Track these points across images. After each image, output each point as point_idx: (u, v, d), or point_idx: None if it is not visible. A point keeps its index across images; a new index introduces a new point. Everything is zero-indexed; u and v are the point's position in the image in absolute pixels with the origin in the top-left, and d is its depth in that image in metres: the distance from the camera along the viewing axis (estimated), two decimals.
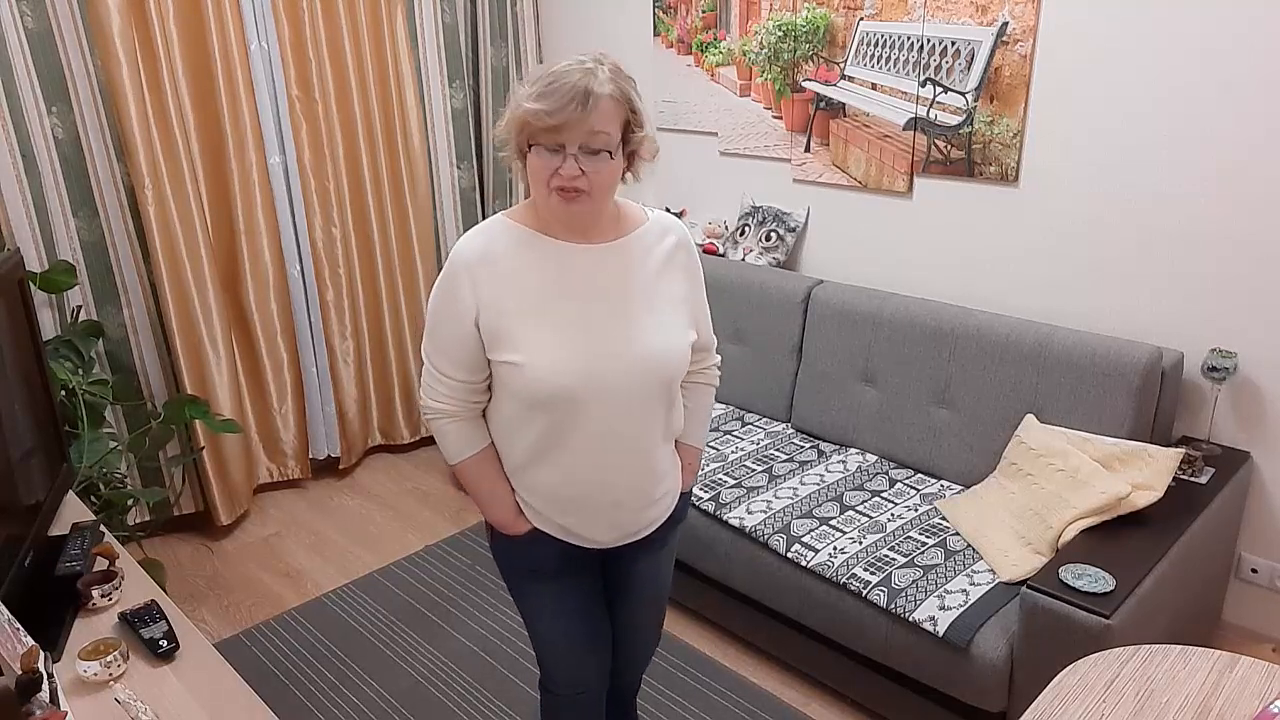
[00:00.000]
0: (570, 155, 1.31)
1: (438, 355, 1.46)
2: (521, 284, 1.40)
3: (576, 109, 1.28)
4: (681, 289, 1.51)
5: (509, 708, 2.31)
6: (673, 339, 1.47)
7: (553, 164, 1.31)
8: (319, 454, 3.58)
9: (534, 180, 1.35)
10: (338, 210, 3.31)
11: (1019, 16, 2.42)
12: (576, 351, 1.39)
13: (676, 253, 1.51)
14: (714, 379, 1.69)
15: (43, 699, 1.29)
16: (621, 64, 1.39)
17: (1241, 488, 2.28)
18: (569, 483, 1.48)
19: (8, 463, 1.64)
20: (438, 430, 1.52)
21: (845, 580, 2.12)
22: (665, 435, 1.54)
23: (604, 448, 1.45)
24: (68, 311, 2.83)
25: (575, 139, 1.30)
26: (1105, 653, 1.38)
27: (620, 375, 1.41)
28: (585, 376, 1.39)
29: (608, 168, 1.34)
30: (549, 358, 1.38)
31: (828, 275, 3.08)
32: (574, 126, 1.29)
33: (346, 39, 3.19)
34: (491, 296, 1.39)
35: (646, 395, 1.45)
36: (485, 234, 1.43)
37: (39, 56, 2.64)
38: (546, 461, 1.47)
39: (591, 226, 1.44)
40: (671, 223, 1.53)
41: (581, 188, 1.32)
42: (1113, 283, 2.44)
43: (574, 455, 1.45)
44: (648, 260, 1.47)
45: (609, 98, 1.31)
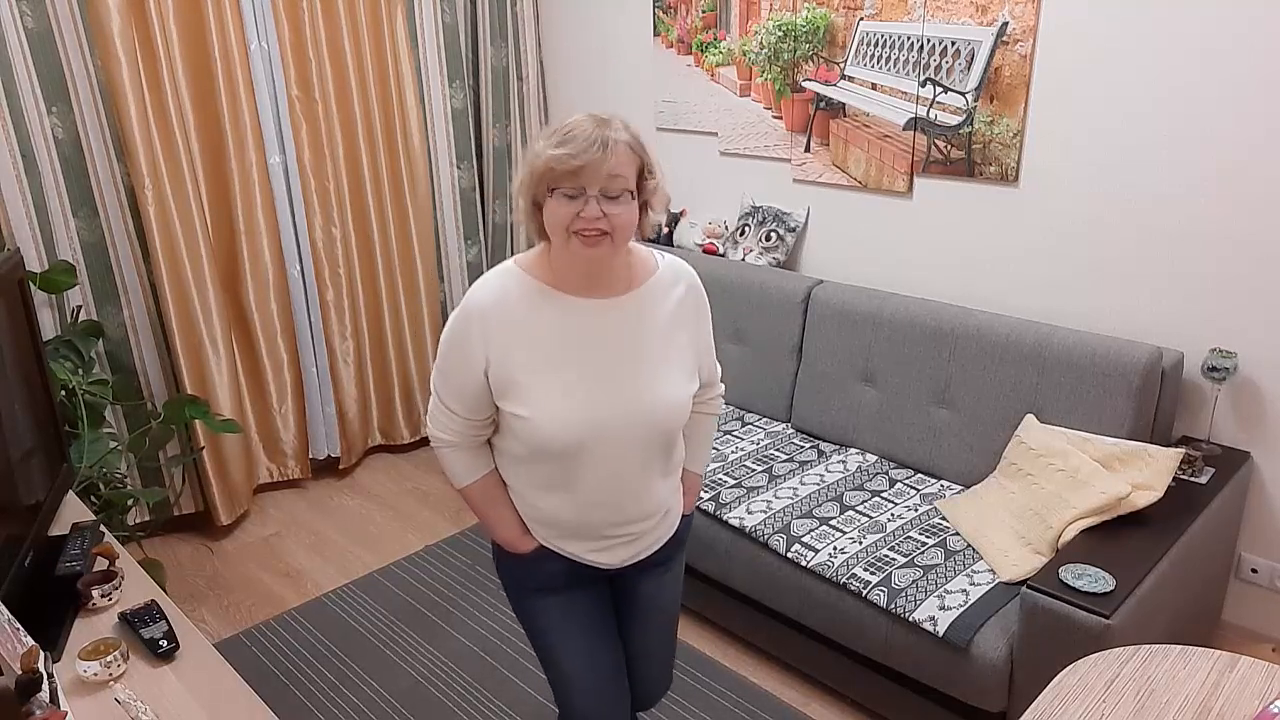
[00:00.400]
0: (592, 198, 1.33)
1: (446, 393, 1.49)
2: (532, 338, 1.43)
3: (598, 150, 1.32)
4: (688, 337, 1.54)
5: (509, 708, 2.31)
6: (677, 392, 1.50)
7: (574, 208, 1.34)
8: (319, 454, 3.59)
9: (554, 228, 1.37)
10: (338, 210, 3.31)
11: (1019, 16, 2.42)
12: (583, 406, 1.42)
13: (685, 301, 1.53)
14: (716, 409, 1.72)
15: (43, 699, 1.29)
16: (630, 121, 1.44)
17: (1241, 488, 2.28)
18: (572, 515, 1.52)
19: (8, 463, 1.64)
20: (443, 457, 1.56)
21: (845, 580, 2.12)
22: (665, 471, 1.58)
23: (606, 488, 1.49)
24: (68, 311, 2.83)
25: (595, 183, 1.33)
26: (1105, 653, 1.38)
27: (624, 428, 1.45)
28: (590, 430, 1.43)
29: (627, 210, 1.37)
30: (555, 413, 1.41)
31: (828, 275, 3.08)
32: (594, 169, 1.32)
33: (346, 39, 3.19)
34: (501, 348, 1.42)
35: (649, 444, 1.49)
36: (499, 283, 1.45)
37: (39, 56, 2.64)
38: (551, 496, 1.51)
39: (604, 278, 1.46)
40: (682, 269, 1.55)
41: (604, 229, 1.35)
42: (1113, 283, 2.44)
43: (577, 494, 1.49)
44: (658, 313, 1.49)
45: (625, 144, 1.36)
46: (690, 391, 1.52)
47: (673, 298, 1.51)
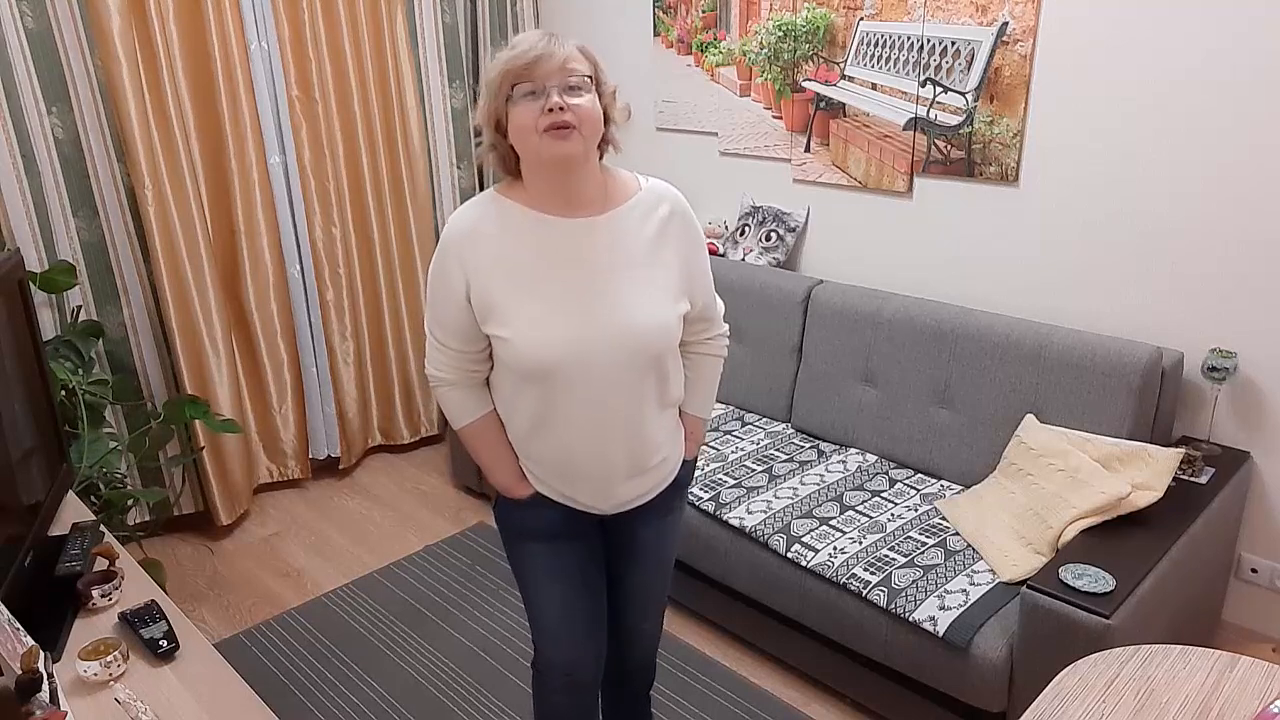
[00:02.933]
0: (552, 88, 1.33)
1: (437, 326, 1.50)
2: (510, 259, 1.43)
3: (547, 44, 1.34)
4: (674, 259, 1.50)
5: (509, 708, 2.31)
6: (660, 313, 1.46)
7: (537, 105, 1.34)
8: (319, 454, 3.59)
9: (522, 135, 1.37)
10: (338, 210, 3.31)
11: (1019, 16, 2.42)
12: (561, 326, 1.41)
13: (670, 223, 1.50)
14: (718, 349, 1.67)
15: (43, 699, 1.29)
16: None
17: (1241, 488, 2.28)
18: (565, 453, 1.50)
19: (8, 463, 1.64)
20: (441, 397, 1.56)
21: (845, 580, 2.12)
22: (659, 405, 1.54)
23: (594, 420, 1.47)
24: (68, 311, 2.83)
25: (552, 75, 1.34)
26: (1105, 653, 1.38)
27: (604, 350, 1.42)
28: (569, 351, 1.41)
29: (590, 101, 1.37)
30: (534, 332, 1.41)
31: (828, 275, 3.08)
32: (548, 60, 1.33)
33: (346, 39, 3.19)
34: (481, 272, 1.42)
35: (633, 368, 1.46)
36: (476, 209, 1.46)
37: (39, 56, 2.64)
38: (543, 432, 1.50)
39: (581, 193, 1.44)
40: (666, 191, 1.52)
41: (570, 121, 1.34)
42: (1113, 282, 2.44)
43: (567, 427, 1.48)
44: (640, 233, 1.47)
45: (574, 45, 1.38)
46: (677, 313, 1.49)
47: (656, 217, 1.48)
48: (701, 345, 1.63)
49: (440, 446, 3.79)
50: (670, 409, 1.58)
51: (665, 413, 1.57)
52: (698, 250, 1.55)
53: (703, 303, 1.58)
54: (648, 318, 1.45)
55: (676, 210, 1.51)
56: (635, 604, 1.76)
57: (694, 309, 1.55)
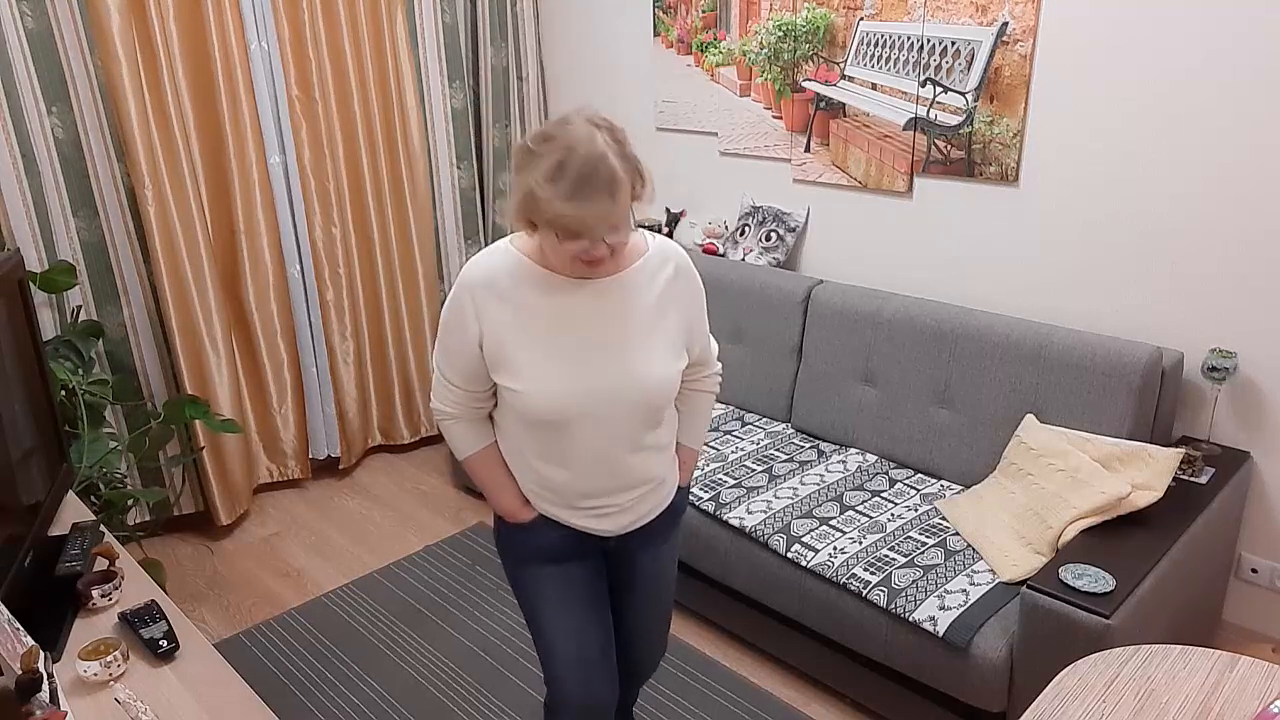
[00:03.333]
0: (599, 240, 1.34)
1: (447, 367, 1.54)
2: (523, 314, 1.47)
3: (604, 202, 1.30)
4: (677, 317, 1.56)
5: (509, 708, 2.31)
6: (663, 370, 1.53)
7: (580, 246, 1.35)
8: (319, 454, 3.59)
9: (556, 253, 1.39)
10: (338, 210, 3.31)
11: (1019, 16, 2.42)
12: (571, 382, 1.47)
13: (675, 282, 1.55)
14: (712, 387, 1.73)
15: (43, 699, 1.29)
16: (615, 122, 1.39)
17: (1241, 488, 2.28)
18: (568, 484, 1.56)
19: (8, 463, 1.64)
20: (446, 430, 1.62)
21: (845, 580, 2.12)
22: (657, 445, 1.60)
23: (596, 459, 1.53)
24: (68, 311, 2.83)
25: (602, 230, 1.33)
26: (1105, 653, 1.38)
27: (610, 403, 1.49)
28: (579, 403, 1.47)
29: (627, 230, 1.39)
30: (545, 387, 1.46)
31: (828, 275, 3.08)
32: (602, 220, 1.32)
33: (346, 39, 3.19)
34: (494, 324, 1.47)
35: (634, 418, 1.52)
36: (493, 261, 1.49)
37: (39, 56, 2.64)
38: (543, 466, 1.56)
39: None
40: (672, 251, 1.57)
41: (604, 258, 1.39)
42: (1113, 282, 2.44)
43: (570, 464, 1.54)
44: (647, 293, 1.52)
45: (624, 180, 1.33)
46: (678, 369, 1.55)
47: (661, 278, 1.54)
48: (696, 384, 1.70)
49: (440, 446, 3.79)
50: (666, 441, 1.64)
51: (662, 448, 1.63)
52: (698, 305, 1.61)
53: (699, 352, 1.64)
54: (652, 374, 1.51)
55: (680, 269, 1.56)
56: (640, 630, 1.79)
57: (692, 357, 1.62)
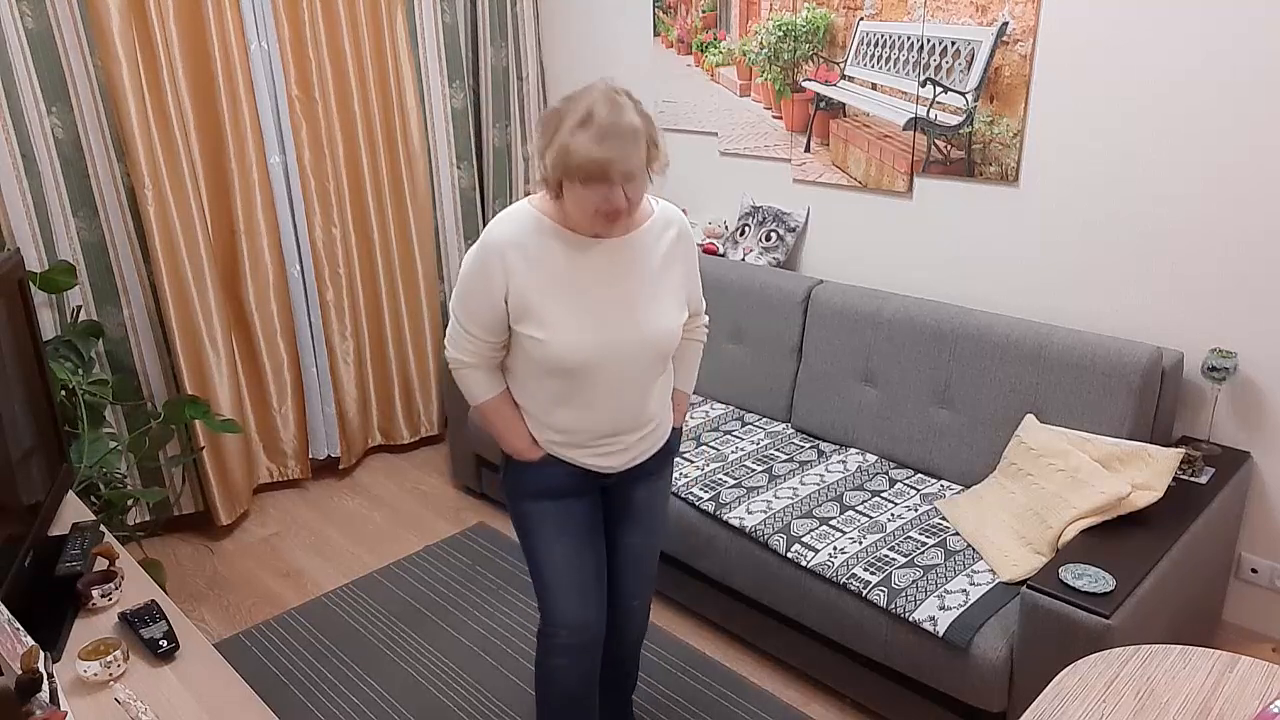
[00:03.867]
0: (618, 185, 1.47)
1: (466, 318, 1.67)
2: (547, 270, 1.61)
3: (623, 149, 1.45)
4: (679, 273, 1.73)
5: (509, 708, 2.31)
6: (670, 321, 1.69)
7: (600, 193, 1.48)
8: (319, 454, 3.59)
9: (577, 207, 1.53)
10: (338, 210, 3.31)
11: (1019, 16, 2.42)
12: (590, 332, 1.62)
13: (677, 244, 1.73)
14: (702, 336, 1.93)
15: (43, 699, 1.30)
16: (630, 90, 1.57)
17: (1241, 488, 2.28)
18: (578, 425, 1.70)
19: (8, 463, 1.64)
20: (460, 377, 1.75)
21: (845, 580, 2.12)
22: (660, 389, 1.78)
23: (607, 403, 1.69)
24: (68, 311, 2.83)
25: (621, 177, 1.47)
26: (1105, 653, 1.38)
27: (624, 351, 1.65)
28: (597, 353, 1.62)
29: (642, 184, 1.54)
30: (568, 337, 1.60)
31: (828, 275, 3.08)
32: (623, 165, 1.46)
33: (346, 39, 3.19)
34: (520, 278, 1.60)
35: (645, 365, 1.69)
36: (516, 221, 1.62)
37: (39, 56, 2.64)
38: (558, 409, 1.70)
39: None
40: (674, 215, 1.74)
41: (622, 210, 1.52)
42: (1113, 282, 2.44)
43: (582, 408, 1.68)
44: (654, 252, 1.69)
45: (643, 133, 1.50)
46: (681, 320, 1.72)
47: (666, 239, 1.70)
48: (690, 334, 1.89)
49: (440, 446, 3.79)
50: (665, 385, 1.82)
51: (661, 391, 1.79)
52: (691, 260, 1.78)
53: (695, 305, 1.83)
54: (661, 325, 1.67)
55: (681, 231, 1.74)
56: (630, 571, 1.91)
57: (690, 311, 1.80)
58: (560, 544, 1.78)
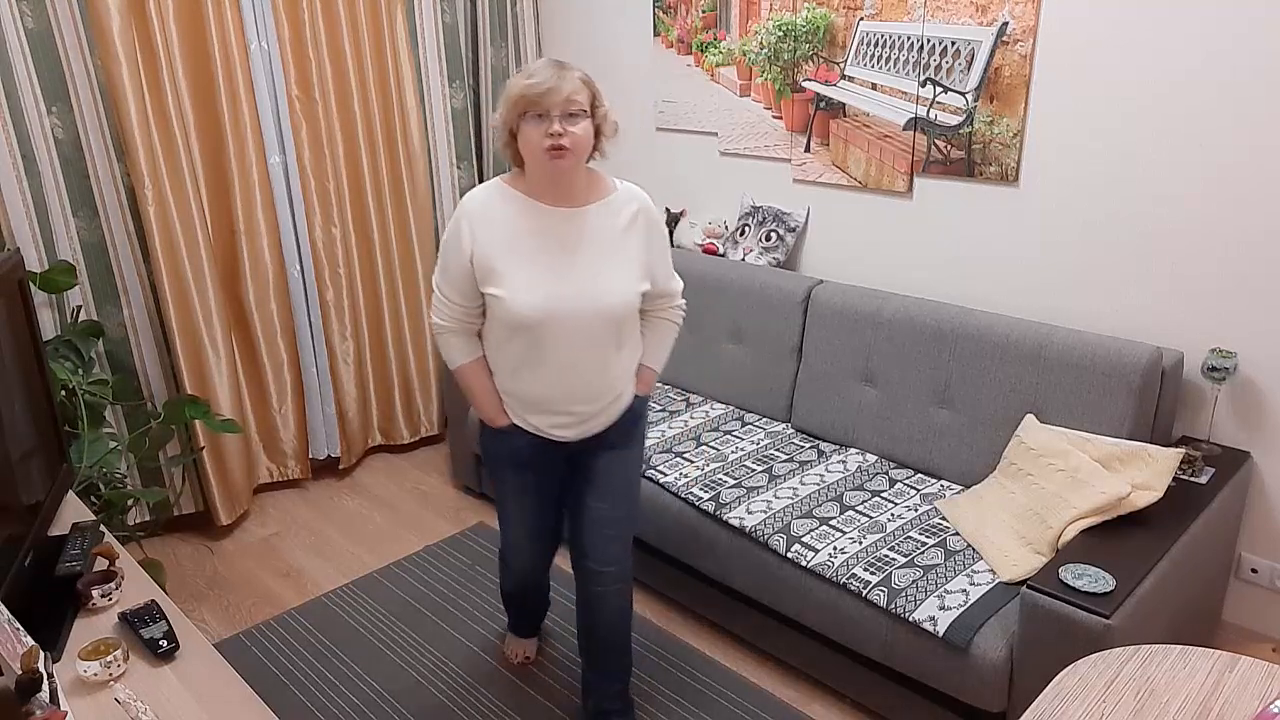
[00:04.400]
0: (555, 118, 1.70)
1: (445, 284, 1.88)
2: (509, 235, 1.80)
3: (556, 79, 1.70)
4: (638, 248, 1.88)
5: (509, 708, 2.31)
6: (623, 288, 1.84)
7: (543, 128, 1.71)
8: (319, 454, 3.59)
9: (528, 148, 1.75)
10: (338, 210, 3.31)
11: (1019, 16, 2.42)
12: (547, 288, 1.79)
13: (637, 219, 1.88)
14: (675, 317, 2.05)
15: (43, 699, 1.30)
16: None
17: (1241, 488, 2.28)
18: (540, 389, 1.88)
19: (8, 463, 1.64)
20: (442, 342, 1.94)
21: (845, 580, 2.12)
22: (620, 359, 1.91)
23: (566, 365, 1.85)
24: (68, 311, 2.83)
25: (557, 106, 1.70)
26: (1105, 653, 1.38)
27: (577, 310, 1.80)
28: (551, 307, 1.79)
29: (584, 130, 1.74)
30: (525, 294, 1.78)
31: (828, 275, 3.08)
32: (555, 93, 1.69)
33: (346, 39, 3.19)
34: (485, 242, 1.80)
35: (598, 328, 1.84)
36: (485, 191, 1.84)
37: (39, 56, 2.64)
38: (523, 372, 1.88)
39: (569, 190, 1.82)
40: (637, 194, 1.91)
41: (566, 145, 1.72)
42: (1113, 282, 2.44)
43: (544, 369, 1.86)
44: (613, 224, 1.85)
45: (578, 77, 1.74)
46: (637, 289, 1.86)
47: (626, 213, 1.87)
48: (661, 313, 2.02)
49: (440, 446, 3.79)
50: (628, 360, 1.95)
51: (622, 362, 1.93)
52: (659, 242, 1.93)
53: (662, 283, 1.96)
54: (612, 289, 1.83)
55: (643, 209, 1.90)
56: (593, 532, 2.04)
57: (655, 287, 1.93)
58: (517, 509, 2.09)
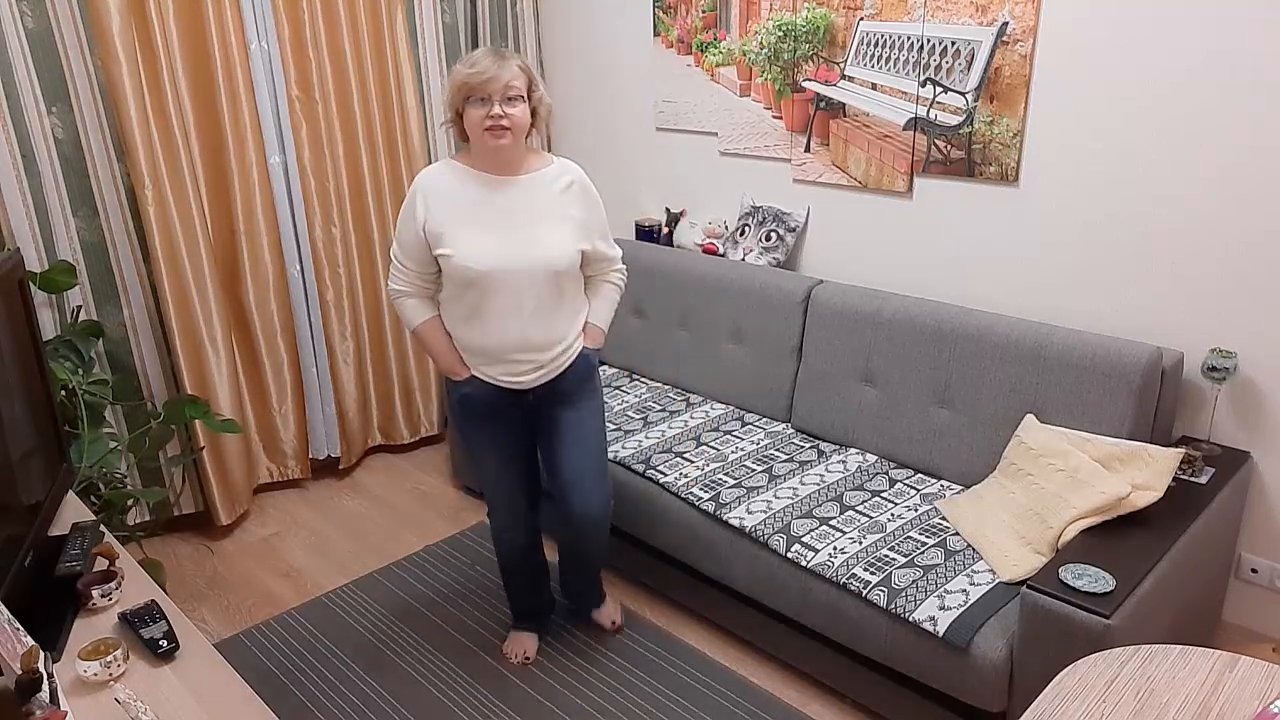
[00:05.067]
0: (496, 102, 1.95)
1: (401, 253, 2.11)
2: (456, 202, 2.06)
3: (495, 68, 1.94)
4: (575, 213, 2.11)
5: (509, 708, 2.31)
6: (558, 245, 2.07)
7: (484, 110, 1.97)
8: (319, 454, 3.59)
9: (471, 128, 2.00)
10: (338, 210, 3.31)
11: (1019, 16, 2.42)
12: (490, 246, 2.03)
13: (572, 187, 2.13)
14: (617, 280, 2.28)
15: (43, 699, 1.30)
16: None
17: (1241, 488, 2.28)
18: (491, 340, 2.10)
19: (8, 463, 1.64)
20: (400, 306, 2.16)
21: (845, 580, 2.12)
22: (562, 311, 2.13)
23: (511, 315, 2.07)
24: (68, 311, 2.83)
25: (496, 92, 1.95)
26: (1105, 653, 1.38)
27: (517, 265, 2.03)
28: (494, 262, 2.02)
29: (521, 111, 2.00)
30: (469, 252, 2.02)
31: (828, 275, 3.08)
32: (495, 81, 1.94)
33: (346, 39, 3.19)
34: (435, 209, 2.05)
35: (539, 282, 2.06)
36: (437, 168, 2.10)
37: (39, 56, 2.64)
38: (475, 323, 2.10)
39: (508, 163, 2.08)
40: (571, 167, 2.15)
41: (505, 125, 1.97)
42: (1113, 282, 2.44)
43: (493, 320, 2.08)
44: (548, 191, 2.10)
45: (515, 65, 1.98)
46: (574, 246, 2.09)
47: (561, 183, 2.12)
48: (604, 277, 2.26)
49: (440, 446, 3.79)
50: (570, 313, 2.16)
51: (565, 315, 2.14)
52: (593, 210, 2.16)
53: (599, 249, 2.18)
54: (550, 245, 2.06)
55: (577, 181, 2.14)
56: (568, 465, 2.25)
57: (593, 250, 2.16)
58: (492, 461, 2.27)
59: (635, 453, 2.73)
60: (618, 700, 2.32)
